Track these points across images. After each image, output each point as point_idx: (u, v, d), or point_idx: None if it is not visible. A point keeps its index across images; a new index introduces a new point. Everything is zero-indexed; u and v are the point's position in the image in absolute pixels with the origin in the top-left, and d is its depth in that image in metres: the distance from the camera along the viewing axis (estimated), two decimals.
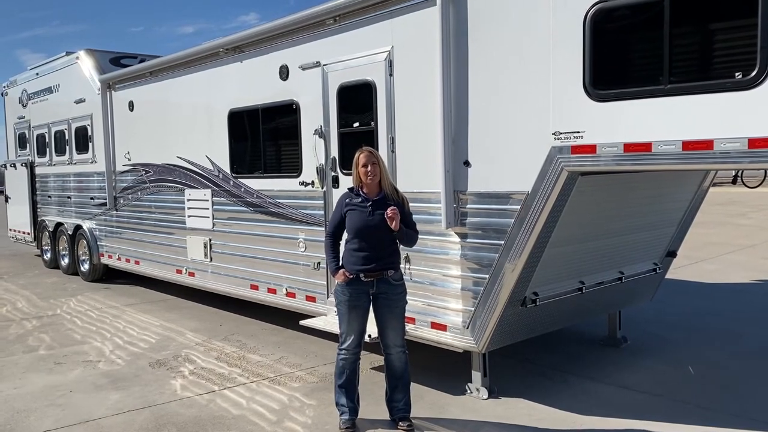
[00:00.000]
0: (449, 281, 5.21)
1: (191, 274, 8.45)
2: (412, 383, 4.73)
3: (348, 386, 4.61)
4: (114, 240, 10.22)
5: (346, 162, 6.03)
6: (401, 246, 4.61)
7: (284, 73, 6.65)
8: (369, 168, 4.42)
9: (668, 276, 6.79)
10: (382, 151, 5.55)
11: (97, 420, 4.94)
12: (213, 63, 7.70)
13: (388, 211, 4.32)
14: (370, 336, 4.81)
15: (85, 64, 10.48)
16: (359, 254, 4.42)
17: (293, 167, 6.66)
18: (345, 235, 4.58)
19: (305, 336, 6.88)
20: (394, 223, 4.32)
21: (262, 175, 7.14)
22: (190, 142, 8.25)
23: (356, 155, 4.51)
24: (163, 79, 8.70)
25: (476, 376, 5.22)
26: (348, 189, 4.62)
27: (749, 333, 6.90)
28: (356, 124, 5.91)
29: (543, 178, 4.42)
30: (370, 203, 4.43)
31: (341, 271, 4.48)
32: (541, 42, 4.40)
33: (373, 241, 4.40)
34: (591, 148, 4.17)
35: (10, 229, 13.95)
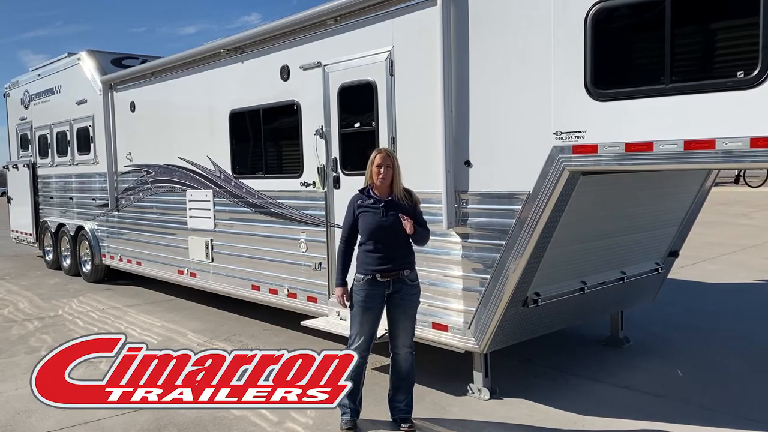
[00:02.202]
0: (450, 281, 5.20)
1: (193, 275, 8.45)
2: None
3: (352, 387, 4.59)
4: (116, 241, 10.22)
5: (347, 162, 6.03)
6: (416, 245, 4.59)
7: (285, 73, 6.65)
8: (382, 170, 4.41)
9: (670, 276, 6.78)
10: None
11: (99, 421, 4.94)
12: (214, 63, 7.70)
13: (406, 224, 4.31)
14: (375, 336, 4.79)
15: (87, 65, 10.49)
16: (374, 255, 4.40)
17: (294, 168, 6.65)
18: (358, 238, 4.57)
19: (307, 337, 6.87)
20: (409, 226, 4.33)
21: (263, 175, 7.14)
22: (192, 143, 8.25)
23: (374, 153, 4.50)
24: (165, 79, 8.70)
25: (478, 376, 5.21)
26: (358, 191, 4.60)
27: (751, 333, 6.88)
28: (357, 125, 5.91)
29: (544, 177, 4.41)
30: (382, 204, 4.42)
31: (342, 289, 4.52)
32: (542, 41, 4.39)
33: (388, 242, 4.39)
34: (592, 148, 4.16)
35: (13, 230, 13.97)
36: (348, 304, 4.53)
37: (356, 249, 4.58)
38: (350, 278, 4.58)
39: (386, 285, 4.42)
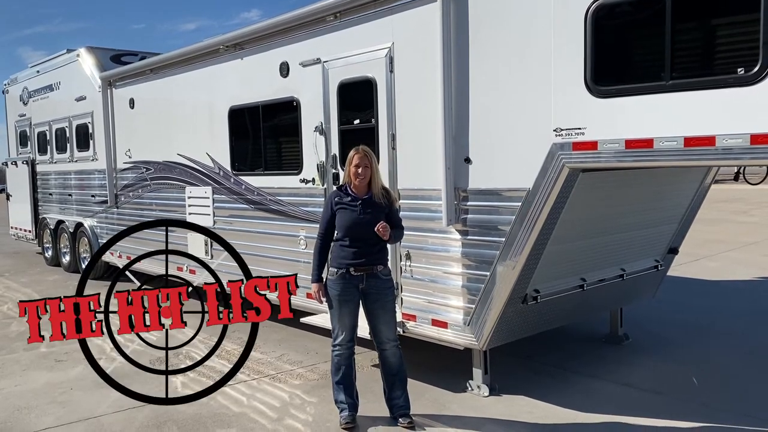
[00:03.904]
0: (450, 278, 5.20)
1: (192, 272, 8.44)
2: (413, 380, 4.73)
3: (345, 382, 4.62)
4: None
5: (346, 159, 6.01)
6: (389, 243, 4.65)
7: (284, 69, 6.64)
8: (360, 170, 4.48)
9: (670, 273, 6.78)
10: (383, 148, 5.54)
11: (98, 417, 4.94)
12: (213, 60, 7.68)
13: (379, 227, 4.37)
14: (371, 334, 4.80)
15: (86, 61, 10.47)
16: (349, 250, 4.48)
17: (294, 164, 6.64)
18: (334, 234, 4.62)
19: (306, 333, 6.88)
20: (386, 237, 4.40)
21: (262, 172, 7.13)
22: (191, 140, 8.24)
23: (351, 153, 4.57)
24: (164, 76, 8.68)
25: (477, 373, 5.21)
26: (336, 188, 4.69)
27: (751, 330, 6.89)
28: (357, 121, 5.90)
29: (544, 174, 4.41)
30: (359, 202, 4.48)
31: (318, 285, 4.58)
32: (542, 38, 4.38)
33: (363, 238, 4.46)
34: (592, 145, 4.15)
35: (12, 227, 13.96)
36: (324, 300, 4.59)
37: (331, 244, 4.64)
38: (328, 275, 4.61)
39: (360, 279, 4.48)
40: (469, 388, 5.25)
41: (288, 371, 5.90)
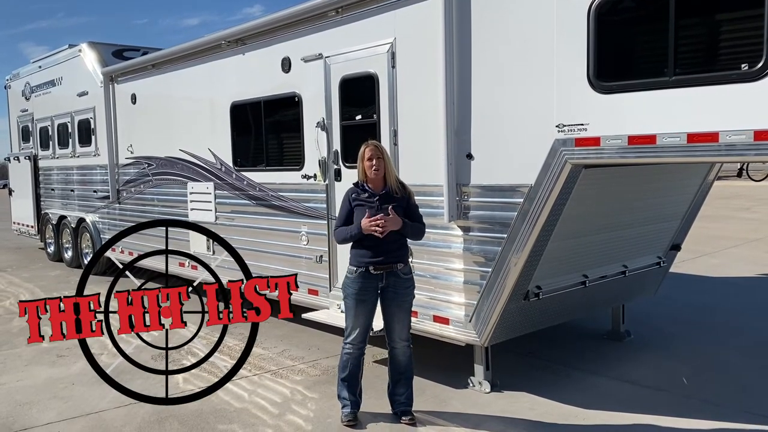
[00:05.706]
0: (452, 275, 5.19)
1: (194, 268, 8.44)
2: (414, 377, 4.72)
3: (351, 380, 4.61)
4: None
5: (348, 155, 6.00)
6: (410, 239, 4.60)
7: (286, 65, 6.62)
8: (374, 162, 4.43)
9: (672, 270, 6.76)
10: (385, 144, 5.52)
11: (99, 413, 4.95)
12: (215, 55, 7.67)
13: (385, 217, 4.28)
14: (373, 329, 4.80)
15: (88, 56, 10.47)
16: (368, 247, 4.42)
17: (295, 160, 6.63)
18: None
19: (308, 329, 6.88)
20: (390, 225, 4.31)
21: (264, 168, 7.12)
22: (193, 135, 8.24)
23: (362, 149, 4.51)
24: (166, 71, 8.68)
25: (479, 369, 5.21)
26: (353, 184, 4.62)
27: (753, 327, 6.87)
28: (359, 117, 5.89)
29: (546, 170, 4.39)
30: (377, 198, 4.44)
31: (363, 224, 4.34)
32: (545, 33, 4.36)
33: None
34: (595, 141, 4.14)
35: (14, 222, 13.98)
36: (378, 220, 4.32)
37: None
38: (343, 271, 4.56)
39: (379, 278, 4.43)
40: (471, 385, 5.25)
41: (289, 367, 5.90)
